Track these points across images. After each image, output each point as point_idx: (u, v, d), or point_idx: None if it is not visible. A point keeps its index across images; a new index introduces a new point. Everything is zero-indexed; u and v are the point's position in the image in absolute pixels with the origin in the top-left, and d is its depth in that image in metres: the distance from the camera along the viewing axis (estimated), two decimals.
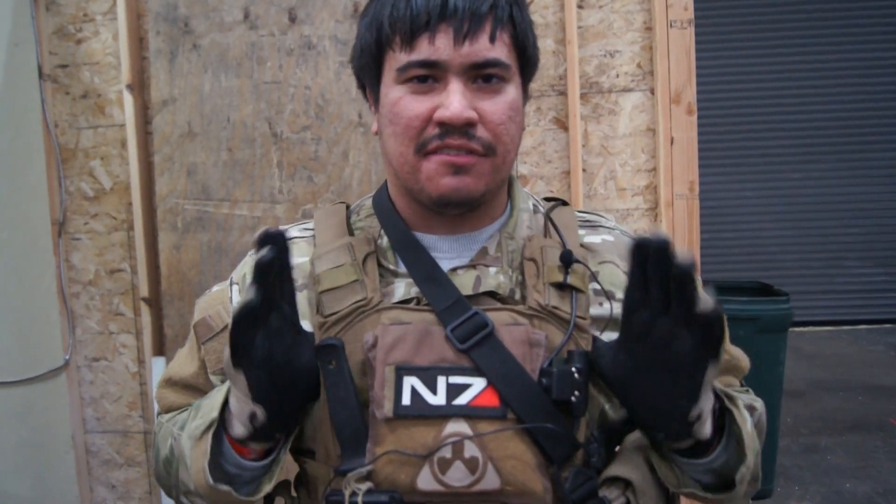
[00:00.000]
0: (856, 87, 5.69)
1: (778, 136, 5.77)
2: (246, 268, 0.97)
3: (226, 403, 0.83)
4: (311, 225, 0.99)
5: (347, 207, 1.00)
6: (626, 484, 0.87)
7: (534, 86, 2.37)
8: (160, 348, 2.45)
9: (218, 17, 2.34)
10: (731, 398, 0.86)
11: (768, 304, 3.04)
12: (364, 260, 0.89)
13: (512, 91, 0.86)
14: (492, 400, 0.80)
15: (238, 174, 2.35)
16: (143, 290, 2.48)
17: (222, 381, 0.92)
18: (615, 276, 0.94)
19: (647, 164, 2.40)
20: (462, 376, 0.81)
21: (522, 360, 0.82)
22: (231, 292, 0.97)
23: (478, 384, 0.80)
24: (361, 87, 0.95)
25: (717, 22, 5.62)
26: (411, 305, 0.86)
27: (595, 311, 0.90)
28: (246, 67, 2.34)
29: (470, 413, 0.79)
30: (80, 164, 2.58)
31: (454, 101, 0.81)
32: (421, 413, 0.79)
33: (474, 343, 0.81)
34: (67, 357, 2.57)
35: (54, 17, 2.54)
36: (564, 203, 1.01)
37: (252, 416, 0.79)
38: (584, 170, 2.41)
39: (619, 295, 0.90)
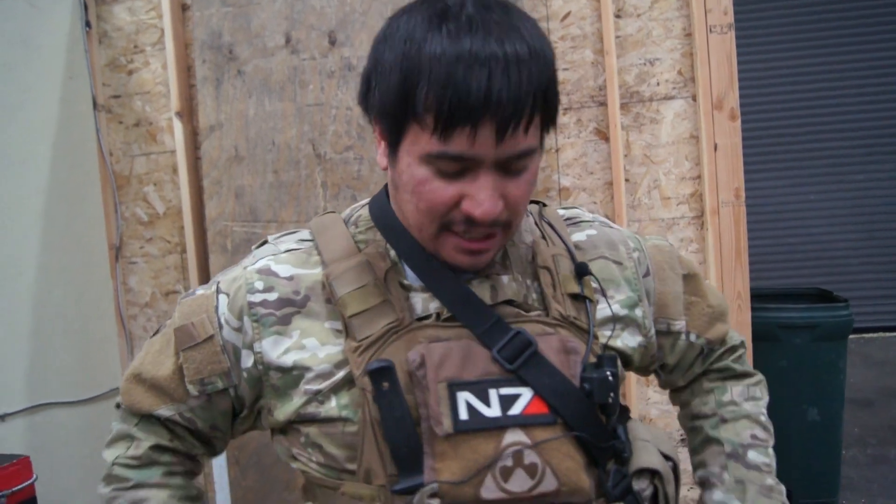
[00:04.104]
0: None
1: (841, 137, 5.61)
2: (241, 281, 0.93)
3: None
4: (306, 236, 0.97)
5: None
6: (651, 473, 0.94)
7: (573, 97, 2.38)
8: None
9: (260, 42, 2.40)
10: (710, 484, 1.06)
11: (827, 311, 2.96)
12: (384, 277, 0.89)
13: (535, 163, 0.84)
14: (541, 408, 0.83)
15: (284, 195, 2.40)
16: None
17: (199, 392, 0.94)
18: (606, 269, 0.97)
19: (692, 171, 2.37)
20: (510, 387, 0.83)
21: (562, 368, 0.85)
22: (217, 301, 0.93)
23: (526, 393, 0.83)
24: (369, 119, 0.90)
25: (782, 21, 5.50)
26: (440, 322, 0.87)
27: (598, 314, 0.94)
28: (289, 91, 2.39)
29: (524, 422, 0.82)
30: (135, 190, 2.67)
31: (485, 199, 0.79)
32: (480, 426, 0.81)
33: (522, 363, 0.84)
34: None
35: (107, 50, 2.64)
36: (543, 203, 1.03)
37: None
38: (627, 180, 2.39)
39: (611, 290, 0.96)
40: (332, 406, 0.86)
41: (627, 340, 0.96)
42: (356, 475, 0.85)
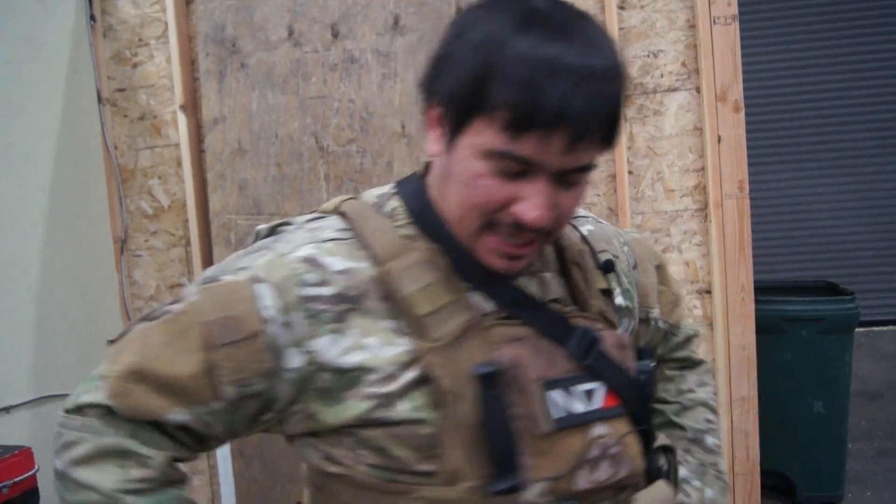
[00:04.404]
0: None
1: (849, 129, 5.57)
2: (286, 271, 0.84)
3: None
4: (341, 225, 0.90)
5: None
6: (664, 450, 1.02)
7: None
8: None
9: (263, 35, 2.41)
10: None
11: (832, 304, 2.95)
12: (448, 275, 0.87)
13: (587, 178, 0.84)
14: (614, 401, 0.88)
15: (287, 188, 2.41)
16: None
17: (235, 395, 0.83)
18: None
19: (696, 164, 2.36)
20: (587, 383, 0.86)
21: (621, 362, 0.89)
22: (255, 292, 0.83)
23: (599, 388, 0.87)
24: (426, 102, 0.87)
25: (788, 13, 5.47)
26: (505, 321, 0.87)
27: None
28: (291, 84, 2.39)
29: (604, 415, 0.87)
30: (140, 183, 2.68)
31: (540, 205, 0.78)
32: (573, 423, 0.84)
33: (594, 359, 0.87)
34: None
35: (111, 43, 2.65)
36: None
37: None
38: (630, 172, 2.38)
39: (613, 283, 1.00)
40: (404, 408, 0.82)
41: (625, 329, 1.02)
42: (434, 477, 0.83)
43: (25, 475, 1.79)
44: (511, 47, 0.75)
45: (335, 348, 0.83)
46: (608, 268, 0.95)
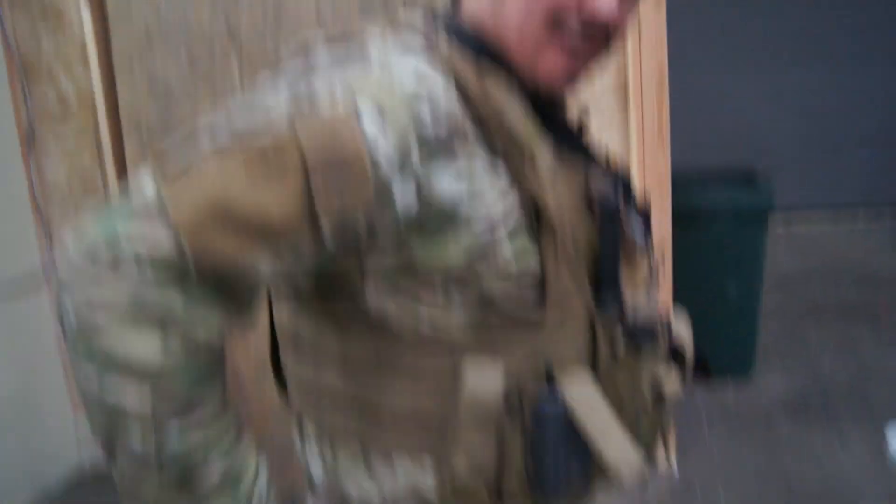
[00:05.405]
0: None
1: (776, 23, 5.60)
2: (398, 92, 0.73)
3: None
4: (419, 40, 0.83)
5: None
6: None
7: None
8: None
9: None
10: None
11: (746, 193, 3.02)
12: None
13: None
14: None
15: (198, 78, 2.32)
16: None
17: (339, 242, 0.71)
18: None
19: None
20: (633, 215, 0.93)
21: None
22: (360, 122, 0.69)
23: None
24: None
25: None
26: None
27: None
28: None
29: (650, 244, 0.94)
30: (45, 78, 2.54)
31: None
32: (644, 245, 0.92)
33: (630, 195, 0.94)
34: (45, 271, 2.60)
35: None
36: None
37: None
38: None
39: None
40: (516, 243, 0.80)
41: None
42: (541, 325, 0.84)
43: None
44: None
45: (446, 176, 0.75)
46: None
